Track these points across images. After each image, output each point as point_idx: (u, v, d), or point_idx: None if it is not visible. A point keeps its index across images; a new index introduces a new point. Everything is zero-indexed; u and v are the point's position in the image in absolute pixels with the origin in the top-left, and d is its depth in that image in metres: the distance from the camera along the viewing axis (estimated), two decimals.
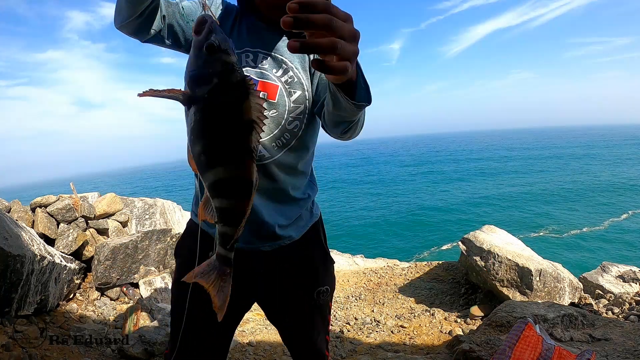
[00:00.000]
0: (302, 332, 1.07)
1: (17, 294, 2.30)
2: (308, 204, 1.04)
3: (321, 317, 1.09)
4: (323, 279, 1.06)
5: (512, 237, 4.54)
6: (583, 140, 68.59)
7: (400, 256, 7.30)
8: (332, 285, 1.11)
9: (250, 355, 2.73)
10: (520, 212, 17.82)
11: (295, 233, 0.99)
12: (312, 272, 1.03)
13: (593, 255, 11.19)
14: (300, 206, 1.00)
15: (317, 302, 1.04)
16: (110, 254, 3.32)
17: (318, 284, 1.04)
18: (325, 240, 1.10)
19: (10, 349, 1.90)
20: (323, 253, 1.08)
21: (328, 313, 1.12)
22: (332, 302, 1.14)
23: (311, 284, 1.03)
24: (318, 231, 1.08)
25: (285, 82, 0.88)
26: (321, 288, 1.04)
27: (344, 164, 56.59)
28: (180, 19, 0.88)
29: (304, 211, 1.02)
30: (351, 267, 5.56)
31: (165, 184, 53.95)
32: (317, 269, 1.04)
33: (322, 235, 1.09)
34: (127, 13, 0.78)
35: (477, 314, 3.56)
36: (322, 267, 1.07)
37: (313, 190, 1.06)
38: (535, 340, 1.61)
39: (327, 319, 1.13)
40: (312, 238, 1.04)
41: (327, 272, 1.09)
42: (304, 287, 1.02)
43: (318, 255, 1.06)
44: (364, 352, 2.89)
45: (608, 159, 36.60)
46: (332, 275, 1.11)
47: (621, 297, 3.54)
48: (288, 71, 0.89)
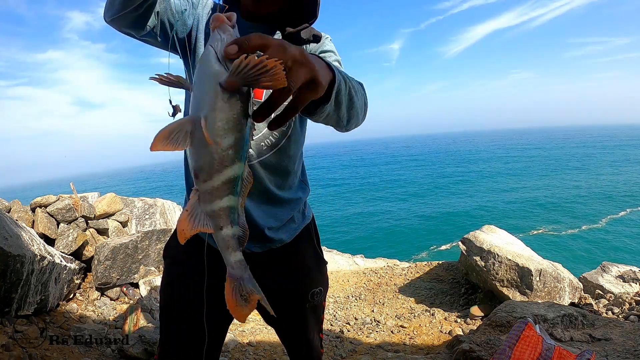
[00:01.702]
0: (298, 332, 1.07)
1: (17, 294, 2.30)
2: (300, 205, 1.02)
3: (315, 317, 1.09)
4: (316, 281, 1.05)
5: (512, 237, 4.54)
6: (583, 140, 68.62)
7: (400, 256, 7.29)
8: (326, 286, 1.10)
9: (250, 355, 2.73)
10: (521, 212, 17.83)
11: (286, 236, 0.97)
12: (305, 275, 1.03)
13: (592, 255, 11.20)
14: (291, 208, 0.98)
15: (312, 304, 1.04)
16: (110, 254, 3.32)
17: (312, 286, 1.03)
18: (318, 241, 1.10)
19: (10, 349, 1.90)
20: (315, 255, 1.07)
21: (322, 312, 1.12)
22: (325, 302, 1.14)
23: (305, 286, 1.02)
24: (310, 233, 1.06)
25: None
26: (315, 289, 1.04)
27: (344, 164, 56.59)
28: (171, 16, 0.85)
29: (296, 213, 1.01)
30: (351, 267, 5.56)
31: (165, 184, 53.91)
32: (310, 271, 1.04)
33: (314, 236, 1.08)
34: (121, 5, 0.75)
35: (477, 314, 3.56)
36: (316, 269, 1.06)
37: (305, 191, 1.05)
38: (535, 340, 1.61)
39: (321, 318, 1.13)
40: (304, 240, 1.03)
41: (320, 274, 1.08)
42: (297, 290, 1.02)
43: (310, 257, 1.05)
44: (364, 352, 2.89)
45: (608, 158, 36.61)
46: (325, 276, 1.10)
47: (621, 297, 3.54)
48: None
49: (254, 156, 0.87)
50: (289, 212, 0.97)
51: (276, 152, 0.89)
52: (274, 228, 0.94)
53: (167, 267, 1.02)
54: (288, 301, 1.01)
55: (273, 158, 0.89)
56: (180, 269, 0.97)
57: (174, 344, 0.95)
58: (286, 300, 1.00)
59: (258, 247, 0.93)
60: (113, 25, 0.81)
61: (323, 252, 1.12)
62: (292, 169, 0.96)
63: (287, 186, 0.96)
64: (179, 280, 0.97)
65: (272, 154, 0.89)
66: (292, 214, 0.99)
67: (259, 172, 0.88)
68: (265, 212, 0.92)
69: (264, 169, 0.89)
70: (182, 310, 0.95)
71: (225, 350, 2.74)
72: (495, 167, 36.78)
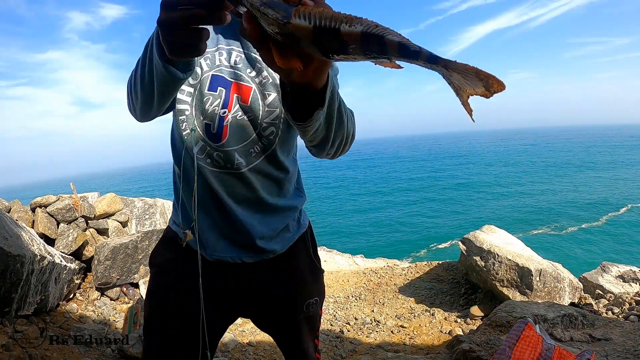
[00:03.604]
0: (292, 342, 1.04)
1: (17, 294, 2.30)
2: (295, 213, 0.97)
3: (310, 326, 1.04)
4: (312, 291, 1.01)
5: (512, 237, 4.54)
6: (583, 140, 68.65)
7: (399, 255, 7.31)
8: (322, 296, 1.06)
9: (250, 355, 2.73)
10: (521, 211, 17.84)
11: (279, 246, 0.93)
12: (300, 286, 0.98)
13: (592, 255, 11.21)
14: (286, 216, 0.94)
15: (307, 314, 0.99)
16: (110, 254, 3.32)
17: (307, 297, 0.98)
18: (315, 250, 1.05)
19: (10, 349, 1.90)
20: (311, 264, 1.02)
21: (318, 320, 1.08)
22: (322, 310, 1.10)
23: (300, 297, 0.97)
24: (305, 242, 1.01)
25: (260, 82, 0.81)
26: (310, 300, 0.99)
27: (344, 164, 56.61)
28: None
29: (291, 221, 0.96)
30: (351, 267, 5.56)
31: (166, 184, 53.90)
32: (305, 281, 0.99)
33: (310, 245, 1.03)
34: (159, 107, 0.73)
35: (477, 314, 3.57)
36: (311, 279, 1.01)
37: (300, 199, 1.00)
38: (535, 340, 1.61)
39: (317, 326, 1.08)
40: (299, 250, 0.98)
41: (316, 284, 1.03)
42: (292, 301, 0.97)
43: (306, 267, 1.00)
44: (364, 352, 2.89)
45: (608, 158, 36.62)
46: (321, 285, 1.06)
47: (621, 297, 3.54)
48: (262, 71, 0.81)
49: (243, 164, 0.83)
50: (284, 220, 0.93)
51: (265, 158, 0.85)
52: (267, 237, 0.90)
53: (153, 276, 0.96)
54: (281, 311, 0.97)
55: (263, 165, 0.86)
56: (168, 278, 0.93)
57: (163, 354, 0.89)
58: (279, 310, 0.97)
59: (250, 258, 0.90)
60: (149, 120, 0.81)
61: (320, 259, 1.07)
62: (284, 176, 0.91)
63: (280, 193, 0.92)
64: (167, 290, 0.92)
65: (261, 161, 0.85)
66: (287, 222, 0.94)
67: (250, 179, 0.84)
68: (259, 220, 0.88)
69: (255, 176, 0.85)
70: (172, 319, 0.90)
71: (225, 350, 2.74)
72: (495, 166, 36.78)
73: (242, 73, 0.81)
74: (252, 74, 0.81)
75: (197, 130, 0.82)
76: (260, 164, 0.85)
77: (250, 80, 0.81)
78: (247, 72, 0.81)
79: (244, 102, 0.81)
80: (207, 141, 0.81)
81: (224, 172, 0.83)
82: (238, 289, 0.92)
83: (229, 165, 0.82)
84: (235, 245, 0.88)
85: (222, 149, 0.81)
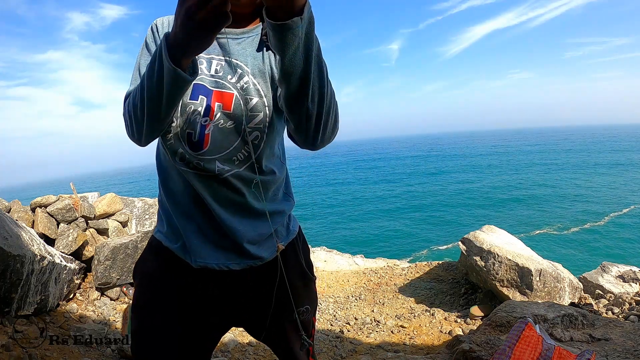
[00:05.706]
0: (284, 349, 1.02)
1: (17, 294, 2.30)
2: (283, 219, 0.96)
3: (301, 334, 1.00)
4: (302, 300, 0.98)
5: (512, 237, 4.54)
6: (583, 140, 68.61)
7: (399, 256, 7.30)
8: (314, 303, 1.04)
9: (250, 355, 2.73)
10: (521, 211, 17.83)
11: (267, 254, 0.90)
12: (289, 294, 0.94)
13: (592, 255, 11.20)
14: (274, 222, 0.92)
15: (297, 323, 0.96)
16: (110, 254, 3.32)
17: (297, 305, 0.95)
18: (307, 256, 1.03)
19: (10, 349, 1.90)
20: (301, 272, 1.00)
21: (311, 327, 1.05)
22: (315, 317, 1.08)
23: (290, 306, 0.94)
24: (295, 249, 0.99)
25: (241, 88, 0.81)
26: (301, 308, 0.97)
27: (342, 163, 56.60)
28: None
29: (280, 227, 0.95)
30: (351, 267, 5.56)
31: None
32: (295, 289, 0.95)
33: (300, 252, 1.01)
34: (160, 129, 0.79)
35: (477, 314, 3.57)
36: (302, 287, 0.99)
37: (288, 204, 0.98)
38: (535, 340, 1.61)
39: (310, 333, 1.05)
40: (288, 257, 0.96)
41: (307, 291, 1.01)
42: (281, 310, 0.95)
43: (295, 274, 0.98)
44: (364, 352, 2.89)
45: (608, 158, 36.60)
46: (313, 292, 1.04)
47: (621, 297, 3.54)
48: (243, 76, 0.81)
49: (225, 169, 0.82)
50: (272, 225, 0.91)
51: (251, 164, 0.84)
52: (254, 242, 0.88)
53: (137, 287, 0.94)
54: (271, 320, 0.95)
55: (248, 170, 0.84)
56: (153, 289, 0.92)
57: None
58: (269, 319, 0.95)
59: (236, 264, 0.88)
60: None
61: (313, 266, 1.05)
62: (271, 181, 0.90)
63: (267, 198, 0.90)
64: (154, 302, 0.91)
65: (247, 167, 0.84)
66: (275, 228, 0.92)
67: (235, 184, 0.83)
68: (245, 225, 0.87)
69: (240, 181, 0.84)
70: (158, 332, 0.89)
71: (225, 350, 2.74)
72: (495, 166, 36.79)
73: (223, 81, 0.81)
74: (233, 80, 0.81)
75: (179, 139, 0.81)
76: (246, 170, 0.84)
77: (231, 86, 0.81)
78: (228, 79, 0.81)
79: (227, 109, 0.80)
80: (187, 150, 0.81)
81: (208, 175, 0.83)
82: (224, 297, 0.90)
83: (210, 172, 0.82)
84: (221, 250, 0.86)
85: (203, 157, 0.81)
